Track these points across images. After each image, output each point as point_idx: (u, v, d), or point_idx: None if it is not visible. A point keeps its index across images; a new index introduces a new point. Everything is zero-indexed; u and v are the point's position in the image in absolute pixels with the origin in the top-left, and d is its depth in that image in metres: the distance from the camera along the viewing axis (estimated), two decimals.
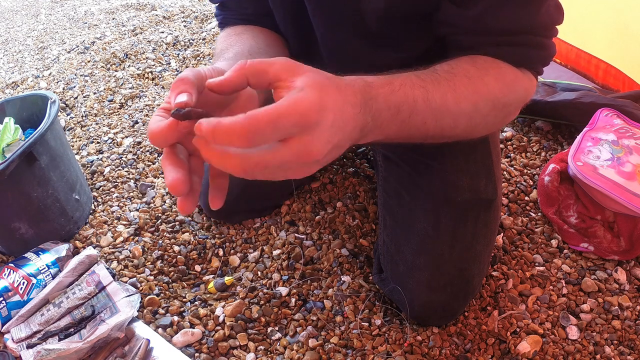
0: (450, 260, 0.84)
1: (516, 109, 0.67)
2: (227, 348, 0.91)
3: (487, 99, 0.61)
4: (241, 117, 0.38)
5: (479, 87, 0.60)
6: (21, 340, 0.91)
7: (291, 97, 0.41)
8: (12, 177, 0.99)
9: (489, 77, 0.61)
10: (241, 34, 0.76)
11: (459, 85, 0.58)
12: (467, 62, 0.62)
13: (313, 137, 0.42)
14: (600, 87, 1.41)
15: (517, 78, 0.64)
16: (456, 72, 0.59)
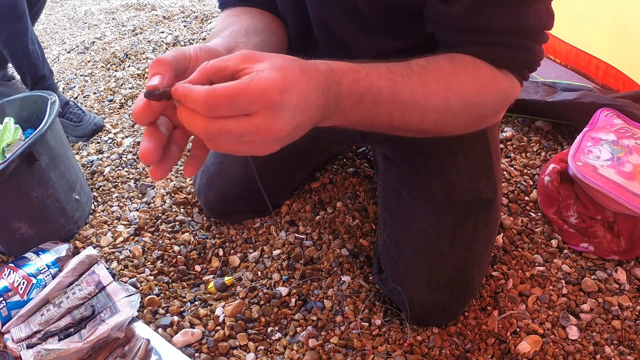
0: (450, 260, 0.84)
1: (494, 110, 0.66)
2: (227, 348, 0.91)
3: (461, 97, 0.60)
4: (204, 90, 0.42)
5: (452, 84, 0.59)
6: (21, 340, 0.91)
7: (250, 77, 0.43)
8: (12, 177, 0.99)
9: (464, 76, 0.60)
10: (239, 15, 0.75)
11: (431, 81, 0.58)
12: (445, 59, 0.61)
13: (276, 114, 0.43)
14: (600, 87, 1.41)
15: (496, 79, 0.63)
16: (431, 67, 0.59)
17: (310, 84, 0.47)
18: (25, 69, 1.47)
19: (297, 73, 0.46)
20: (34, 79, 1.48)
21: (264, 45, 0.66)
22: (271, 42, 0.70)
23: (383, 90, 0.54)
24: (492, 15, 0.59)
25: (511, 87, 0.65)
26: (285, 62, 0.46)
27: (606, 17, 1.40)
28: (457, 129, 0.66)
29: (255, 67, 0.44)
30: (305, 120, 0.47)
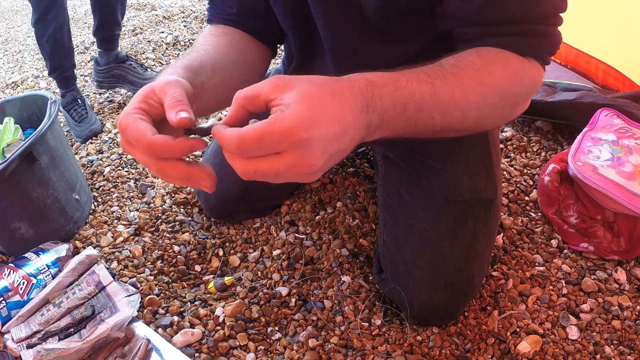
0: (450, 259, 0.84)
1: (525, 99, 0.67)
2: (227, 348, 0.91)
3: (495, 90, 0.60)
4: (235, 134, 0.44)
5: (485, 79, 0.59)
6: (21, 340, 0.91)
7: (274, 117, 0.44)
8: (12, 177, 0.99)
9: (495, 68, 0.60)
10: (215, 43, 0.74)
11: (466, 78, 0.57)
12: (472, 54, 0.61)
13: (304, 151, 0.44)
14: (600, 87, 1.41)
15: (523, 67, 0.63)
16: (462, 64, 0.58)
17: (343, 107, 0.47)
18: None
19: (326, 100, 0.46)
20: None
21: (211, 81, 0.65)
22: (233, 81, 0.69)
23: (424, 96, 0.54)
24: (509, 6, 0.59)
25: (537, 73, 0.65)
26: (315, 88, 0.46)
27: (605, 18, 1.40)
28: (494, 122, 0.66)
29: (284, 99, 0.45)
30: (342, 146, 0.47)
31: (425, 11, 0.67)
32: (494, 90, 0.60)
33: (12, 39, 2.49)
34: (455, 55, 0.60)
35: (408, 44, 0.73)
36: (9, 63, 2.21)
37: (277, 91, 0.46)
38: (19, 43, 2.38)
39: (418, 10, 0.66)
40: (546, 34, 0.62)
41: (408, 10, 0.66)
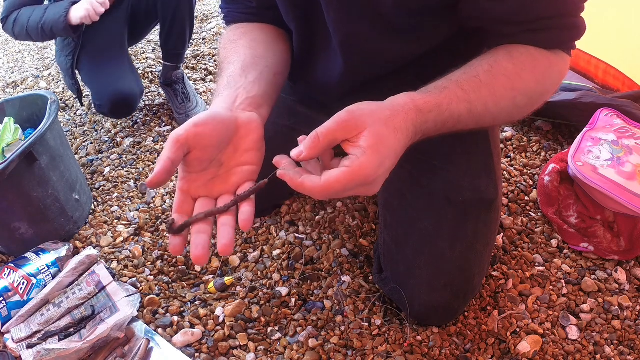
0: (451, 259, 0.84)
1: (551, 92, 0.70)
2: (227, 348, 0.91)
3: (525, 94, 0.64)
4: (320, 183, 0.50)
5: (516, 84, 0.62)
6: (21, 340, 0.91)
7: (352, 165, 0.50)
8: (12, 177, 0.99)
9: (525, 73, 0.63)
10: (237, 41, 0.76)
11: (499, 87, 0.61)
12: (505, 58, 0.63)
13: (373, 185, 0.52)
14: (600, 87, 1.41)
15: (551, 64, 0.65)
16: (495, 72, 0.62)
17: (402, 141, 0.54)
18: None
19: (392, 139, 0.52)
20: None
21: (261, 77, 0.67)
22: (270, 69, 0.71)
23: (462, 113, 0.59)
24: (541, 4, 0.61)
25: (564, 64, 0.67)
26: (383, 128, 0.52)
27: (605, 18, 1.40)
28: (521, 116, 0.70)
29: (360, 142, 0.51)
30: (395, 163, 0.55)
31: (441, 9, 0.67)
32: (524, 93, 0.64)
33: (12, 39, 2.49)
34: (490, 60, 0.63)
35: (421, 41, 0.74)
36: (9, 63, 2.21)
37: (352, 132, 0.52)
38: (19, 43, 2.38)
39: (434, 7, 0.67)
40: (574, 26, 0.64)
41: (424, 8, 0.66)
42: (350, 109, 0.53)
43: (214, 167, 0.58)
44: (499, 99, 0.62)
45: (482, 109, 0.60)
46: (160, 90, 1.75)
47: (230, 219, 0.55)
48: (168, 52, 1.58)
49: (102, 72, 1.42)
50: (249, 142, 0.59)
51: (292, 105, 0.98)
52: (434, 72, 0.82)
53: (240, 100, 0.62)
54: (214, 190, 0.58)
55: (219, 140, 0.56)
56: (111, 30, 1.48)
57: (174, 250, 0.53)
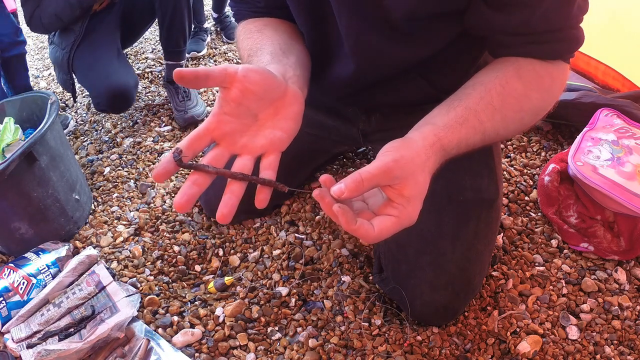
0: (452, 259, 0.84)
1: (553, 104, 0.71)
2: (227, 348, 0.91)
3: (532, 112, 0.67)
4: (374, 232, 0.53)
5: (525, 106, 0.65)
6: (21, 340, 0.91)
7: (401, 215, 0.54)
8: (12, 177, 0.99)
9: (533, 92, 0.65)
10: (263, 30, 0.76)
11: (509, 111, 0.64)
12: (514, 77, 0.65)
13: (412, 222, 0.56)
14: (600, 87, 1.41)
15: (554, 79, 0.68)
16: (506, 93, 0.64)
17: (430, 177, 0.58)
18: None
19: (427, 182, 0.56)
20: None
21: (299, 62, 0.68)
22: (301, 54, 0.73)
23: (477, 143, 0.63)
24: (547, 17, 0.62)
25: (565, 75, 0.69)
26: (420, 176, 0.55)
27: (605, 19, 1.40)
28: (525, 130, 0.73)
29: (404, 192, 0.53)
30: None
31: (449, 16, 0.68)
32: (531, 113, 0.67)
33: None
34: (501, 80, 0.64)
35: (430, 45, 0.75)
36: None
37: (395, 180, 0.53)
38: None
39: (444, 15, 0.68)
40: (574, 38, 0.66)
41: (434, 16, 0.67)
42: (395, 157, 0.54)
43: (248, 118, 0.54)
44: (508, 123, 0.65)
45: (494, 135, 0.64)
46: (160, 90, 1.75)
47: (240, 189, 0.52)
48: (169, 51, 1.58)
49: (95, 70, 1.43)
50: (291, 111, 0.56)
51: None
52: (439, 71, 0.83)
53: (289, 75, 0.61)
54: (237, 144, 0.54)
55: (265, 92, 0.53)
56: (103, 30, 1.49)
57: (156, 175, 0.49)
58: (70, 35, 1.43)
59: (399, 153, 0.54)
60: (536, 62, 0.66)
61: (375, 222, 0.53)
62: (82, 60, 1.44)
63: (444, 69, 0.82)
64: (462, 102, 0.63)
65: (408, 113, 0.92)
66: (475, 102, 0.63)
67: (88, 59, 1.44)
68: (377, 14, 0.69)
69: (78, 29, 1.42)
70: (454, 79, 0.84)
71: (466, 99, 0.63)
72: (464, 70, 0.83)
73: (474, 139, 0.62)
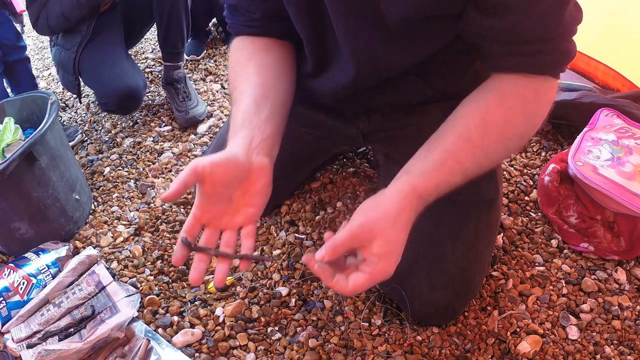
0: (452, 259, 0.84)
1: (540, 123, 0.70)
2: (227, 348, 0.91)
3: (515, 137, 0.66)
4: (349, 287, 0.59)
5: (508, 132, 0.64)
6: (21, 340, 0.91)
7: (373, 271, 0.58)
8: (12, 177, 0.99)
9: (516, 117, 0.64)
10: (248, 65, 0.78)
11: (491, 143, 0.64)
12: (495, 104, 0.64)
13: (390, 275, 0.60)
14: (600, 87, 1.41)
15: (540, 100, 0.66)
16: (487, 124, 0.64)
17: (408, 229, 0.61)
18: None
19: (401, 236, 0.60)
20: None
21: (271, 114, 0.71)
22: (278, 99, 0.75)
23: (458, 182, 0.64)
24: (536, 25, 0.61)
25: (552, 93, 0.68)
26: (391, 233, 0.59)
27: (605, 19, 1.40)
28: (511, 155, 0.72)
29: (374, 250, 0.58)
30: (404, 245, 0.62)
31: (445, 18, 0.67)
32: (515, 138, 0.66)
33: None
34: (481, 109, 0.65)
35: (427, 47, 0.75)
36: None
37: (364, 242, 0.58)
38: None
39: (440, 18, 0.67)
40: (566, 51, 0.64)
41: (430, 19, 0.67)
42: (362, 221, 0.59)
43: (224, 203, 0.65)
44: (491, 154, 0.65)
45: (476, 169, 0.64)
46: (160, 90, 1.75)
47: (229, 262, 0.65)
48: (167, 52, 1.58)
49: (104, 70, 1.42)
50: (258, 187, 0.65)
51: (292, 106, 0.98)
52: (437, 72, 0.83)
53: (256, 142, 0.67)
54: (221, 223, 0.66)
55: (231, 182, 0.63)
56: (108, 30, 1.48)
57: (176, 261, 0.62)
58: (76, 36, 1.43)
59: (366, 216, 0.60)
60: (522, 81, 0.65)
61: (351, 277, 0.59)
62: (89, 61, 1.43)
63: (442, 70, 0.82)
64: (440, 143, 0.64)
65: (408, 113, 0.92)
66: (453, 142, 0.64)
67: (96, 59, 1.43)
68: (374, 17, 0.69)
69: (85, 29, 1.42)
70: (452, 80, 0.84)
71: (445, 139, 0.64)
72: (462, 70, 0.83)
73: (454, 179, 0.63)
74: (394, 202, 0.61)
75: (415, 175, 0.62)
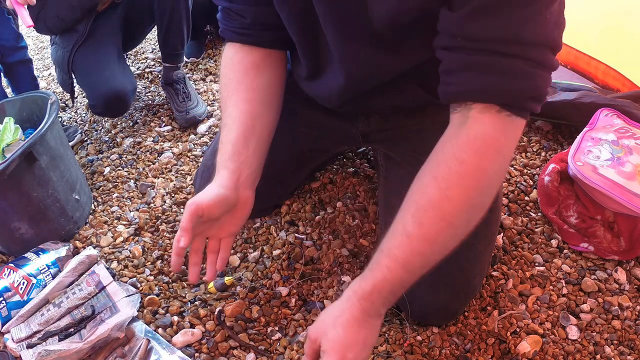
0: (451, 259, 0.83)
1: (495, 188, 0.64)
2: (227, 348, 0.91)
3: (459, 214, 0.61)
4: None
5: (445, 209, 0.60)
6: (21, 340, 0.91)
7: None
8: (12, 177, 0.99)
9: (452, 190, 0.59)
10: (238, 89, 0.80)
11: (429, 227, 0.60)
12: (429, 183, 0.61)
13: None
14: (600, 87, 1.41)
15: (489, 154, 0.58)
16: (421, 209, 0.61)
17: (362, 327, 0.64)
18: None
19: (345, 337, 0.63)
20: None
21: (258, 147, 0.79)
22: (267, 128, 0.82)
23: (403, 277, 0.64)
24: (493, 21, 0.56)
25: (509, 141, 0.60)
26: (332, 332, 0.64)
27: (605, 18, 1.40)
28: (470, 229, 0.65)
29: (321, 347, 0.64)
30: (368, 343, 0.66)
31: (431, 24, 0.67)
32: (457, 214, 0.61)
33: None
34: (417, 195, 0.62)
35: (417, 54, 0.74)
36: None
37: (317, 341, 0.65)
38: None
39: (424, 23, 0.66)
40: (529, 75, 0.56)
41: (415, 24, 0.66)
42: (314, 325, 0.67)
43: (212, 224, 0.79)
44: (433, 239, 0.61)
45: (420, 260, 0.63)
46: (160, 90, 1.75)
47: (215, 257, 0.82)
48: (167, 53, 1.58)
49: (94, 72, 1.42)
50: (241, 215, 0.80)
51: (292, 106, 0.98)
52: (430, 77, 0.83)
53: (243, 177, 0.77)
54: (208, 235, 0.81)
55: (221, 213, 0.76)
56: (104, 31, 1.48)
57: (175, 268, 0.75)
58: (72, 36, 1.43)
59: (317, 321, 0.67)
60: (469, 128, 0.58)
61: None
62: (82, 61, 1.44)
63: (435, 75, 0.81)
64: (382, 241, 0.65)
65: (407, 114, 0.92)
66: (389, 238, 0.63)
67: (88, 60, 1.43)
68: (362, 25, 0.68)
69: (82, 29, 1.42)
70: None
71: (387, 235, 0.64)
72: None
73: (396, 275, 0.63)
74: (336, 306, 0.66)
75: (357, 278, 0.66)
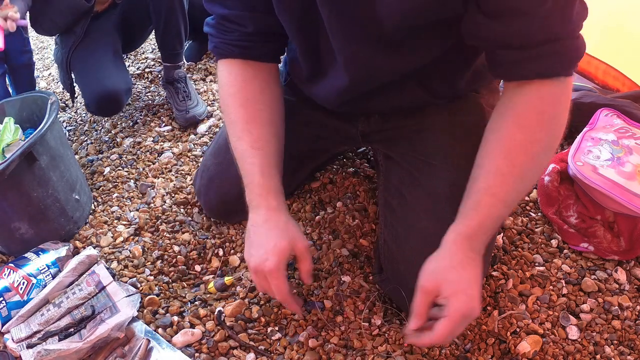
0: None
1: (564, 124, 0.71)
2: (227, 348, 0.91)
3: (543, 152, 0.69)
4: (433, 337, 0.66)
5: (533, 150, 0.67)
6: (21, 340, 0.91)
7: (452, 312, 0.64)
8: (12, 177, 0.99)
9: (537, 134, 0.67)
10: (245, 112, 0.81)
11: (520, 167, 0.67)
12: (514, 129, 0.67)
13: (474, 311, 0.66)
14: (600, 87, 1.41)
15: (556, 105, 0.67)
16: (512, 151, 0.67)
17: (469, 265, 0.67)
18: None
19: (466, 275, 0.65)
20: None
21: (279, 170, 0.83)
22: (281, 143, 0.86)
23: (502, 212, 0.69)
24: (541, 27, 0.60)
25: (568, 92, 0.69)
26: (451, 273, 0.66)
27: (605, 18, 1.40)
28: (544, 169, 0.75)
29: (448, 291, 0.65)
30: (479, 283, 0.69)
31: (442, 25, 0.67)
32: (543, 153, 0.69)
33: None
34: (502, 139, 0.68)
35: (422, 56, 0.74)
36: None
37: (435, 290, 0.66)
38: None
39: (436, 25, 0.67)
40: (575, 48, 0.64)
41: (426, 26, 0.67)
42: (425, 276, 0.69)
43: None
44: (524, 176, 0.68)
45: (516, 195, 0.69)
46: (160, 90, 1.75)
47: None
48: (166, 53, 1.58)
49: (89, 72, 1.42)
50: None
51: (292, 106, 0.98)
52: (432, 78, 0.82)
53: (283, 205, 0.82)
54: None
55: None
56: (102, 32, 1.48)
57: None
58: (70, 36, 1.43)
59: (427, 271, 0.68)
60: (535, 93, 0.65)
61: (434, 327, 0.65)
62: (79, 62, 1.44)
63: (439, 75, 0.81)
64: (474, 186, 0.70)
65: (407, 115, 0.92)
66: (484, 180, 0.68)
67: (84, 61, 1.43)
68: (370, 27, 0.68)
69: (79, 30, 1.42)
70: (450, 83, 0.84)
71: (477, 180, 0.69)
72: (460, 73, 0.83)
73: (497, 211, 0.68)
74: (444, 250, 0.68)
75: (457, 222, 0.69)
